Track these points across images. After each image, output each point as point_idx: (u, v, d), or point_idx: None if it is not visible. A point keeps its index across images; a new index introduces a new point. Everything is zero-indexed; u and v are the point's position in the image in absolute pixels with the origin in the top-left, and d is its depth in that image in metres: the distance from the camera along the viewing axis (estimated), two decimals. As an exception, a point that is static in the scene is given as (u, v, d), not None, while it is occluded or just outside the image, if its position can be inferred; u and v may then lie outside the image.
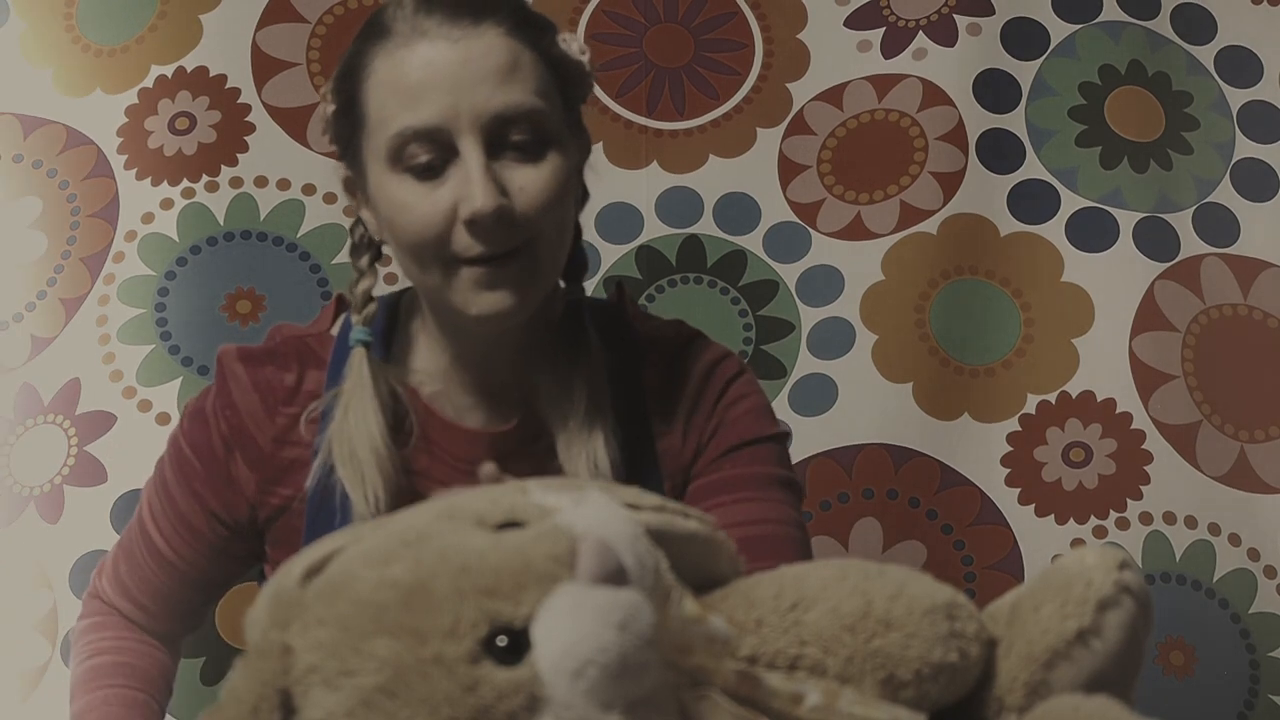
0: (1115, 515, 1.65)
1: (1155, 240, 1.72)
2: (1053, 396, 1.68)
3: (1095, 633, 0.62)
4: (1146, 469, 1.66)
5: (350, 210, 1.06)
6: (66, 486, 1.53)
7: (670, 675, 0.57)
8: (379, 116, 0.94)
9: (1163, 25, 1.81)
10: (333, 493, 0.99)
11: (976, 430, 1.67)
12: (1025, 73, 1.77)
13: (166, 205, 1.61)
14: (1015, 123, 1.75)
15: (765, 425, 1.08)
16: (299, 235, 1.63)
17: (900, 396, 1.66)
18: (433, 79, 0.92)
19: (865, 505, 1.63)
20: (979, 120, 1.74)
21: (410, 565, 0.57)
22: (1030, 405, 1.68)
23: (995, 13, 1.78)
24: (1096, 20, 1.80)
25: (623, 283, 1.15)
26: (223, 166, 1.62)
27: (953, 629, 0.61)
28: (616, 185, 1.68)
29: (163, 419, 1.54)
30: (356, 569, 0.58)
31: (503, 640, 0.55)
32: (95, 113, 1.63)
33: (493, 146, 0.93)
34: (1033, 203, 1.73)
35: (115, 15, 1.66)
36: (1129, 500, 1.65)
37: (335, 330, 1.06)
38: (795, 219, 1.72)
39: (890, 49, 1.77)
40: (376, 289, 1.03)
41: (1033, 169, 1.74)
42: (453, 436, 1.03)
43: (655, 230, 1.71)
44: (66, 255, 1.60)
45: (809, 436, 1.61)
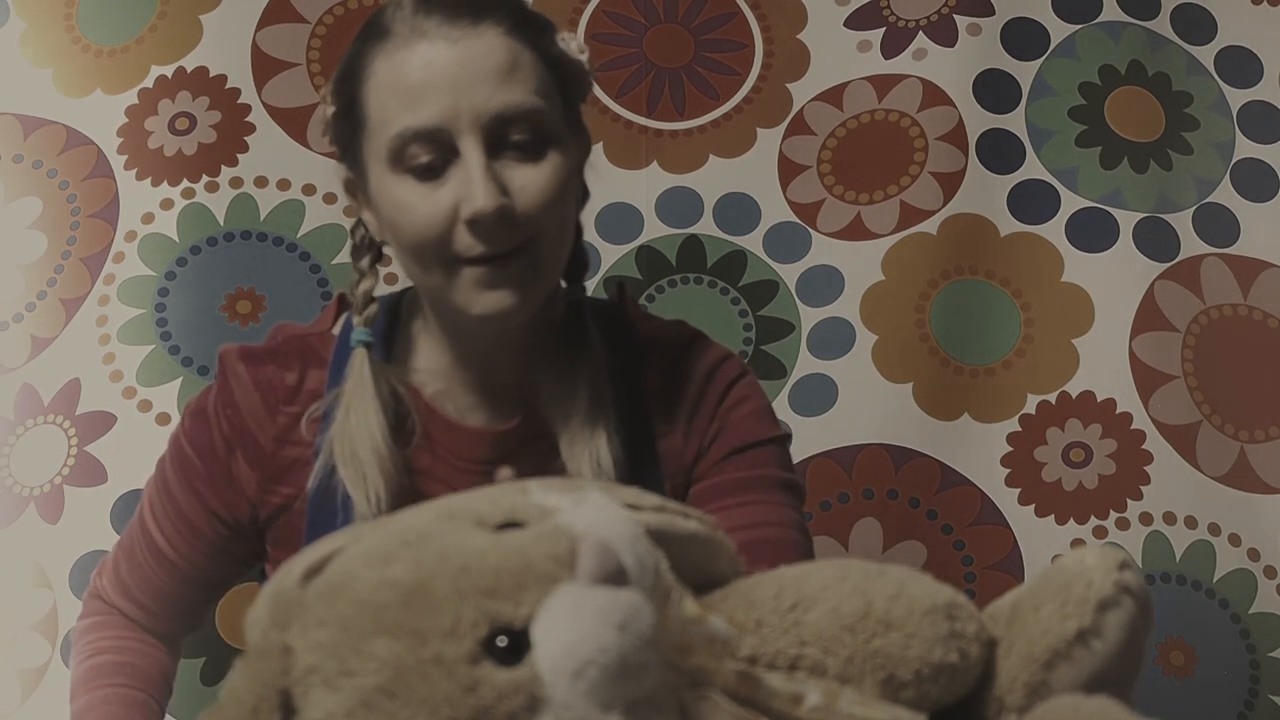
0: (1115, 515, 1.65)
1: (1155, 240, 1.72)
2: (1053, 397, 1.68)
3: (1095, 633, 0.62)
4: (1146, 469, 1.66)
5: (350, 211, 1.06)
6: (66, 486, 1.53)
7: (670, 675, 0.57)
8: (379, 118, 0.94)
9: (1163, 25, 1.81)
10: (334, 493, 0.99)
11: (976, 430, 1.67)
12: (1025, 73, 1.77)
13: (166, 205, 1.61)
14: (1015, 123, 1.75)
15: (767, 427, 1.08)
16: (299, 235, 1.63)
17: (900, 396, 1.66)
18: (433, 79, 0.92)
19: (865, 505, 1.63)
20: (979, 120, 1.74)
21: (410, 565, 0.57)
22: (1030, 405, 1.67)
23: (995, 13, 1.78)
24: (1096, 20, 1.80)
25: (624, 283, 1.15)
26: (223, 167, 1.62)
27: (953, 629, 0.61)
28: (616, 185, 1.68)
29: (163, 419, 1.54)
30: (356, 569, 0.58)
31: (503, 640, 0.55)
32: (95, 113, 1.63)
33: (493, 146, 0.93)
34: (1033, 203, 1.73)
35: (115, 15, 1.66)
36: (1129, 500, 1.65)
37: (337, 330, 1.06)
38: (795, 219, 1.72)
39: (890, 49, 1.77)
40: (377, 289, 1.03)
41: (1033, 169, 1.74)
42: (455, 436, 1.03)
43: (655, 230, 1.70)
44: (66, 255, 1.60)
45: (809, 437, 1.61)
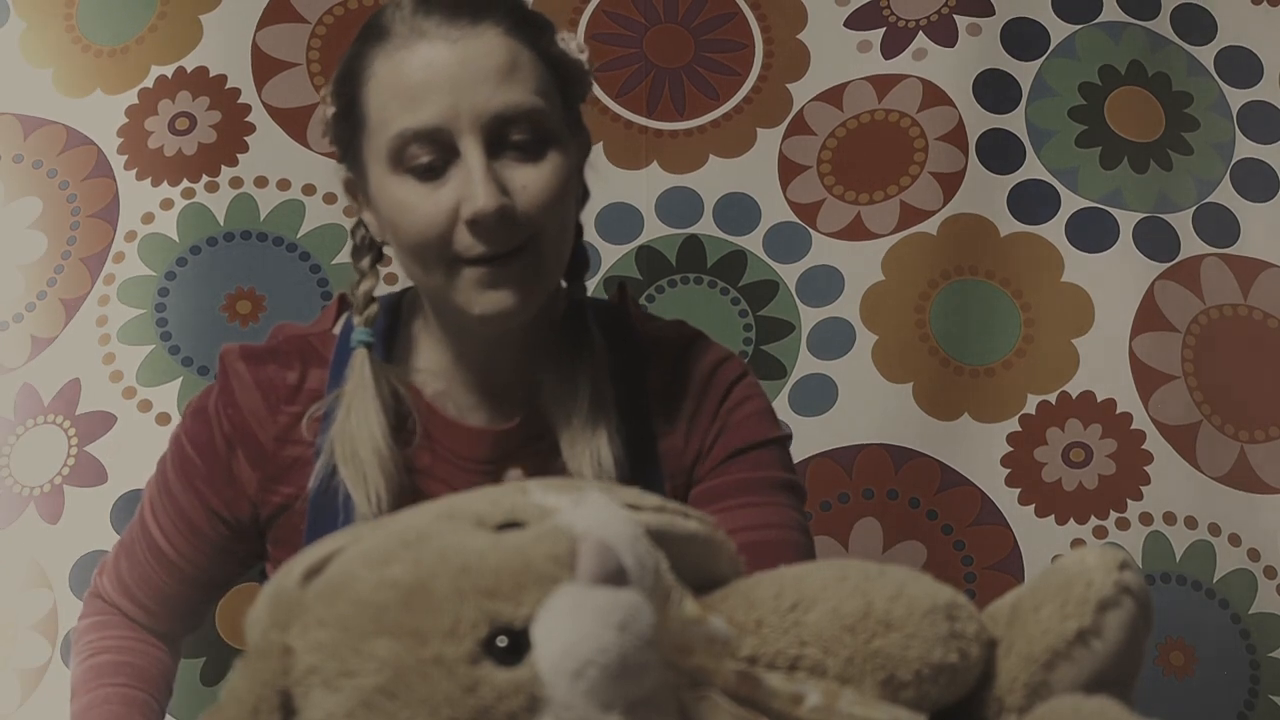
0: (1115, 515, 1.65)
1: (1155, 240, 1.72)
2: (1053, 397, 1.68)
3: (1095, 633, 0.61)
4: (1147, 469, 1.66)
5: (351, 211, 1.06)
6: (66, 486, 1.53)
7: (670, 676, 0.57)
8: (379, 118, 0.94)
9: (1163, 25, 1.81)
10: (335, 493, 0.99)
11: (976, 430, 1.67)
12: (1025, 73, 1.77)
13: (166, 205, 1.61)
14: (1015, 123, 1.75)
15: (768, 429, 1.08)
16: (299, 235, 1.63)
17: (900, 397, 1.66)
18: (432, 80, 0.92)
19: (865, 505, 1.63)
20: (979, 120, 1.74)
21: (410, 566, 0.57)
22: (1030, 405, 1.67)
23: (995, 13, 1.78)
24: (1096, 20, 1.80)
25: (625, 283, 1.15)
26: (223, 167, 1.62)
27: (953, 629, 0.61)
28: (616, 185, 1.68)
29: (163, 419, 1.54)
30: (356, 569, 0.58)
31: (503, 641, 0.55)
32: (95, 113, 1.63)
33: (493, 146, 0.93)
34: (1033, 203, 1.73)
35: (115, 15, 1.66)
36: (1129, 500, 1.65)
37: (337, 330, 1.06)
38: (795, 219, 1.72)
39: (890, 49, 1.77)
40: (377, 290, 1.04)
41: (1033, 169, 1.74)
42: (456, 435, 1.03)
43: (655, 230, 1.70)
44: (66, 255, 1.60)
45: (809, 437, 1.61)
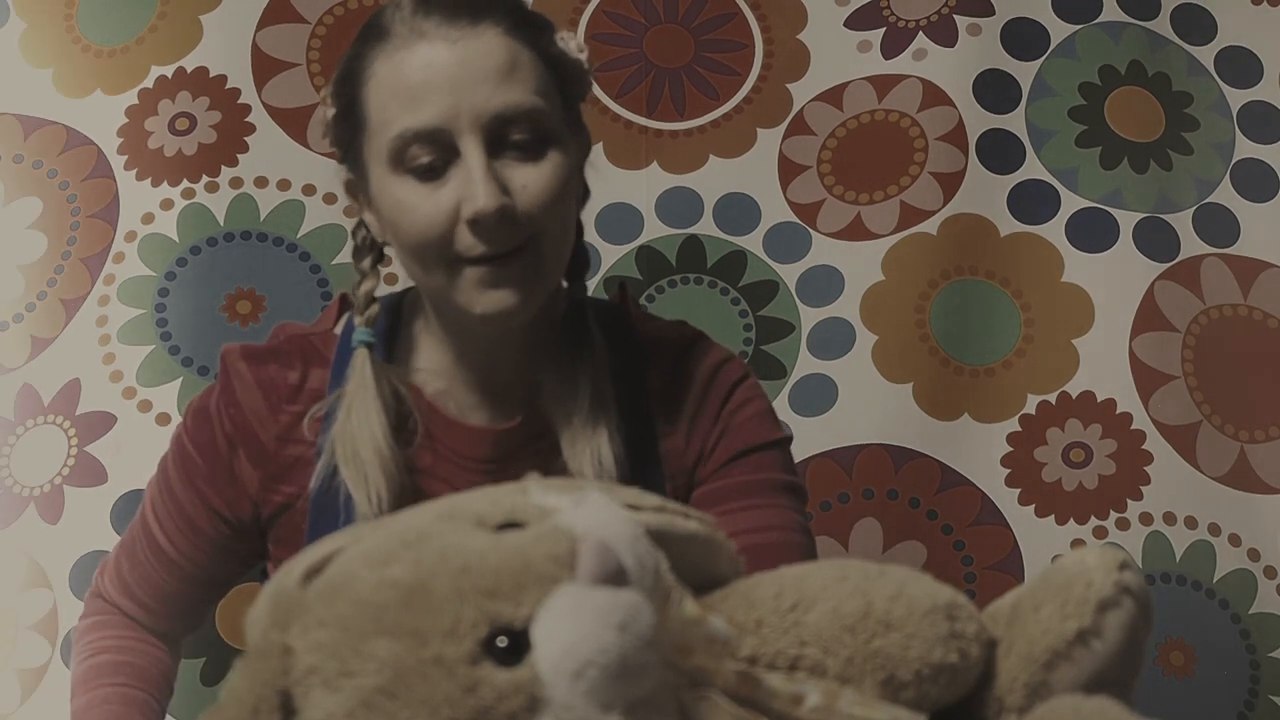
0: (1115, 515, 1.65)
1: (1155, 240, 1.72)
2: (1053, 397, 1.68)
3: (1095, 633, 0.61)
4: (1147, 469, 1.66)
5: (351, 211, 1.06)
6: (66, 487, 1.53)
7: (670, 676, 0.57)
8: (379, 119, 0.94)
9: (1163, 25, 1.81)
10: (336, 492, 0.99)
11: (976, 430, 1.67)
12: (1025, 73, 1.77)
13: (166, 206, 1.61)
14: (1015, 123, 1.75)
15: (770, 430, 1.08)
16: (299, 236, 1.63)
17: (900, 397, 1.66)
18: (432, 80, 0.92)
19: (865, 505, 1.63)
20: (979, 120, 1.74)
21: (410, 566, 0.57)
22: (1030, 405, 1.67)
23: (995, 13, 1.78)
24: (1096, 20, 1.80)
25: (625, 283, 1.15)
26: (223, 167, 1.62)
27: (953, 630, 0.61)
28: (616, 185, 1.68)
29: (163, 419, 1.54)
30: (357, 569, 0.58)
31: (503, 641, 0.55)
32: (95, 113, 1.63)
33: (493, 146, 0.93)
34: (1033, 203, 1.73)
35: (115, 15, 1.66)
36: (1129, 500, 1.65)
37: (338, 330, 1.06)
38: (795, 219, 1.72)
39: (890, 49, 1.77)
40: (378, 290, 1.04)
41: (1033, 169, 1.74)
42: (457, 434, 1.03)
43: (655, 230, 1.70)
44: (66, 255, 1.60)
45: (809, 437, 1.61)
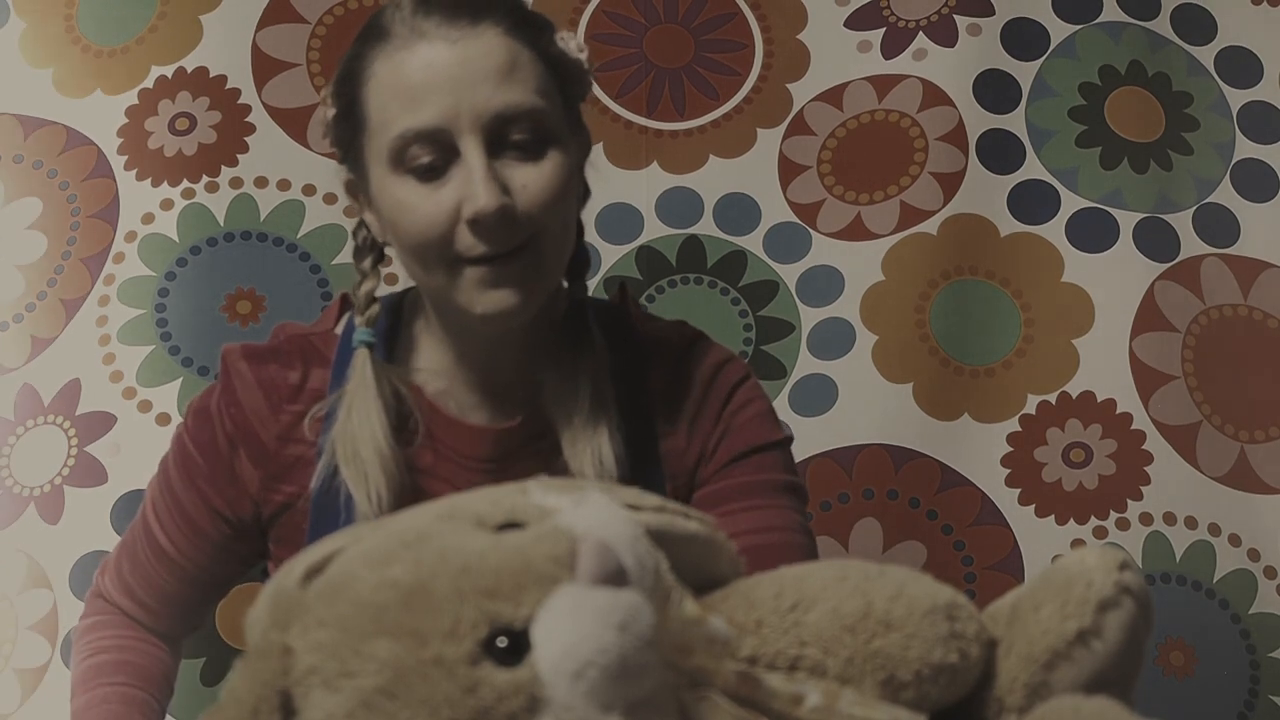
0: (1115, 516, 1.65)
1: (1155, 240, 1.72)
2: (1053, 397, 1.68)
3: (1095, 633, 0.61)
4: (1147, 469, 1.66)
5: (351, 212, 1.06)
6: (66, 487, 1.53)
7: (670, 676, 0.57)
8: (380, 119, 0.94)
9: (1163, 26, 1.81)
10: (337, 492, 0.99)
11: (977, 430, 1.67)
12: (1025, 73, 1.77)
13: (166, 206, 1.61)
14: (1015, 123, 1.75)
15: (771, 431, 1.08)
16: (299, 236, 1.63)
17: (900, 397, 1.66)
18: (432, 80, 0.92)
19: (865, 505, 1.63)
20: (979, 120, 1.74)
21: (410, 566, 0.57)
22: (1030, 405, 1.68)
23: (995, 13, 1.78)
24: (1096, 21, 1.80)
25: (626, 284, 1.15)
26: (223, 167, 1.62)
27: (953, 630, 0.61)
28: (616, 185, 1.68)
29: (163, 419, 1.55)
30: (357, 570, 0.58)
31: (503, 641, 0.55)
32: (95, 113, 1.63)
33: (494, 146, 0.93)
34: (1033, 203, 1.73)
35: (115, 15, 1.66)
36: (1129, 501, 1.65)
37: (339, 330, 1.06)
38: (795, 219, 1.72)
39: (890, 49, 1.77)
40: (378, 290, 1.04)
41: (1033, 169, 1.74)
42: (458, 433, 1.03)
43: (655, 231, 1.71)
44: (66, 255, 1.60)
45: (809, 437, 1.61)
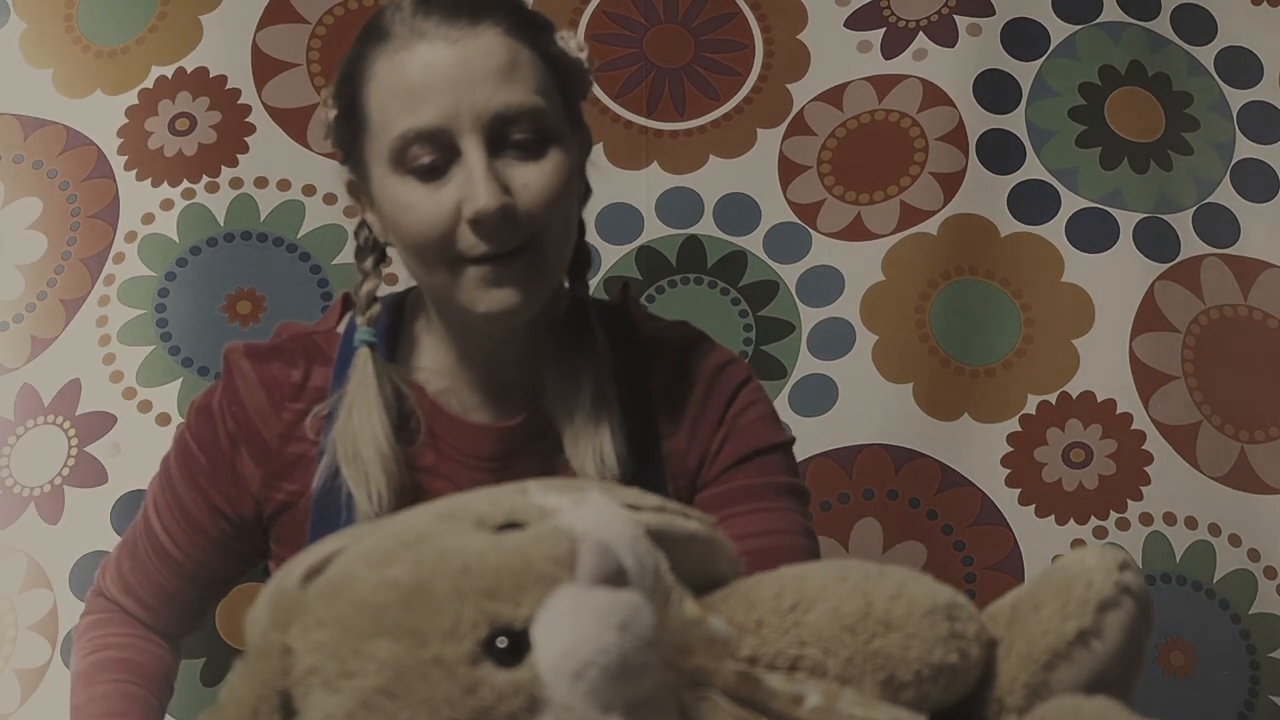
0: (1115, 516, 1.65)
1: (1155, 241, 1.72)
2: (1053, 397, 1.68)
3: (1095, 633, 0.61)
4: (1147, 469, 1.66)
5: (352, 212, 1.06)
6: (66, 487, 1.53)
7: (670, 676, 0.57)
8: (380, 119, 0.94)
9: (1163, 26, 1.81)
10: (338, 492, 0.99)
11: (977, 430, 1.67)
12: (1025, 73, 1.77)
13: (166, 206, 1.61)
14: (1015, 123, 1.75)
15: (773, 433, 1.08)
16: (299, 236, 1.63)
17: (900, 397, 1.66)
18: (433, 80, 0.92)
19: (865, 505, 1.63)
20: (979, 120, 1.74)
21: (410, 566, 0.57)
22: (1030, 405, 1.68)
23: (995, 13, 1.78)
24: (1096, 21, 1.80)
25: (628, 283, 1.15)
26: (223, 167, 1.62)
27: (953, 630, 0.61)
28: (616, 186, 1.68)
29: (163, 419, 1.55)
30: (357, 570, 0.58)
31: (503, 641, 0.55)
32: (95, 113, 1.63)
33: (494, 145, 0.93)
34: (1033, 203, 1.73)
35: (115, 15, 1.66)
36: (1129, 501, 1.65)
37: (341, 328, 1.07)
38: (795, 219, 1.72)
39: (890, 49, 1.77)
40: (379, 290, 1.04)
41: (1033, 169, 1.74)
42: (459, 432, 1.03)
43: (655, 231, 1.71)
44: (66, 256, 1.60)
45: (809, 437, 1.61)
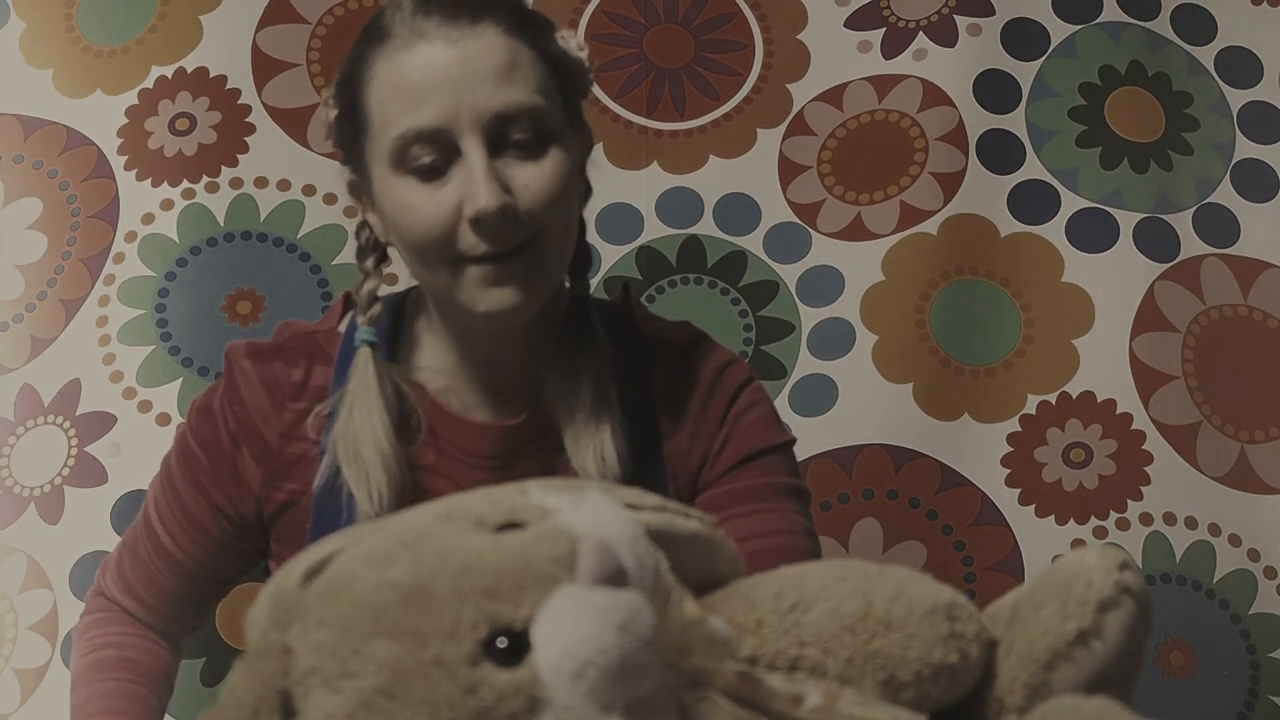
0: (1115, 516, 1.65)
1: (1155, 241, 1.72)
2: (1053, 397, 1.68)
3: (1095, 633, 0.61)
4: (1147, 469, 1.66)
5: (352, 212, 1.06)
6: (66, 487, 1.53)
7: (670, 676, 0.57)
8: (381, 120, 0.94)
9: (1163, 26, 1.81)
10: (339, 491, 0.99)
11: (977, 430, 1.67)
12: (1025, 73, 1.77)
13: (166, 206, 1.61)
14: (1015, 123, 1.75)
15: (775, 434, 1.08)
16: (299, 236, 1.63)
17: (900, 397, 1.66)
18: (433, 80, 0.92)
19: (865, 505, 1.63)
20: (979, 120, 1.74)
21: (410, 566, 0.57)
22: (1030, 405, 1.68)
23: (995, 13, 1.78)
24: (1096, 21, 1.80)
25: (629, 283, 1.15)
26: (223, 167, 1.62)
27: (953, 630, 0.61)
28: (616, 186, 1.68)
29: (163, 419, 1.55)
30: (357, 570, 0.58)
31: (503, 642, 0.55)
32: (95, 113, 1.63)
33: (494, 145, 0.93)
34: (1033, 203, 1.73)
35: (115, 15, 1.66)
36: (1129, 501, 1.65)
37: (342, 328, 1.07)
38: (795, 219, 1.72)
39: (890, 49, 1.77)
40: (380, 289, 1.04)
41: (1033, 169, 1.74)
42: (460, 431, 1.03)
43: (655, 231, 1.70)
44: (66, 256, 1.60)
45: (809, 437, 1.61)
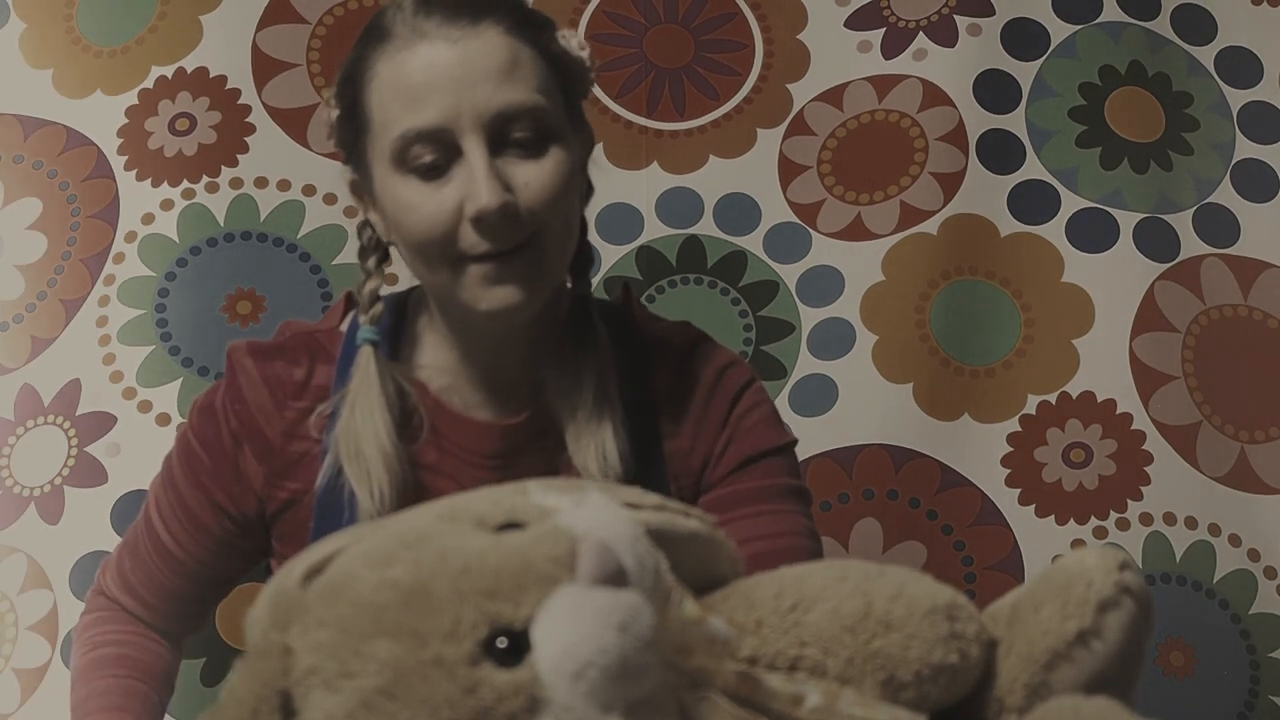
0: (1115, 516, 1.65)
1: (1155, 241, 1.72)
2: (1053, 397, 1.68)
3: (1095, 634, 0.62)
4: (1147, 470, 1.66)
5: (352, 212, 1.06)
6: (66, 487, 1.53)
7: (670, 676, 0.57)
8: (382, 119, 0.94)
9: (1163, 26, 1.81)
10: (341, 490, 0.99)
11: (977, 430, 1.67)
12: (1025, 73, 1.77)
13: (166, 206, 1.61)
14: (1015, 123, 1.75)
15: (777, 436, 1.09)
16: (299, 236, 1.63)
17: (900, 397, 1.66)
18: (434, 80, 0.92)
19: (865, 506, 1.63)
20: (979, 121, 1.74)
21: (410, 566, 0.57)
22: (1030, 406, 1.68)
23: (995, 13, 1.78)
24: (1096, 21, 1.80)
25: (630, 284, 1.15)
26: (223, 167, 1.62)
27: (953, 630, 0.61)
28: (616, 186, 1.68)
29: (163, 420, 1.55)
30: (357, 570, 0.58)
31: (503, 642, 0.55)
32: (95, 113, 1.63)
33: (495, 144, 0.93)
34: (1033, 203, 1.73)
35: (115, 16, 1.66)
36: (1129, 501, 1.65)
37: (344, 327, 1.07)
38: (795, 219, 1.72)
39: (890, 49, 1.77)
40: (382, 289, 1.04)
41: (1033, 169, 1.74)
42: (462, 429, 1.03)
43: (655, 231, 1.70)
44: (66, 256, 1.60)
45: (809, 437, 1.61)
